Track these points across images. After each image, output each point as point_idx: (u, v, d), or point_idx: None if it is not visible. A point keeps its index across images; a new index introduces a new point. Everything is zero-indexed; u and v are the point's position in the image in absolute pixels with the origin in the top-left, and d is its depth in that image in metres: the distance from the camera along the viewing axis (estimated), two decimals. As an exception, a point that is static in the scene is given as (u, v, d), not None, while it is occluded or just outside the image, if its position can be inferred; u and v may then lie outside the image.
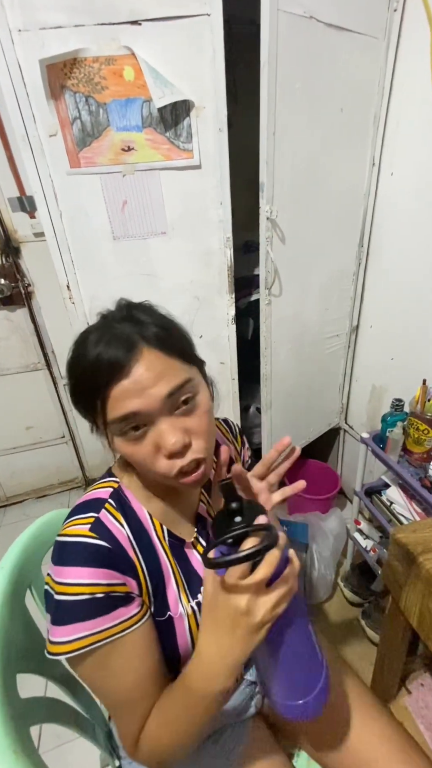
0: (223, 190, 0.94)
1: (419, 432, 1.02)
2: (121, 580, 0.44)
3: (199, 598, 0.51)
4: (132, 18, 0.77)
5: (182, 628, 0.49)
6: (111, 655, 0.43)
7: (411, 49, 0.99)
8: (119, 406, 0.41)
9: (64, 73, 0.80)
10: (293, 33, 0.84)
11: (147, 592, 0.47)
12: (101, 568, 0.43)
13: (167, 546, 0.51)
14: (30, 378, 1.69)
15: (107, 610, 0.42)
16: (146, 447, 0.43)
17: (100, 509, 0.47)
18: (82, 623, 0.41)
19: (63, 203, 0.91)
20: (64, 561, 0.43)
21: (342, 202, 1.17)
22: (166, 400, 0.42)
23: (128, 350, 0.41)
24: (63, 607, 0.41)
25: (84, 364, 0.42)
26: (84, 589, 0.41)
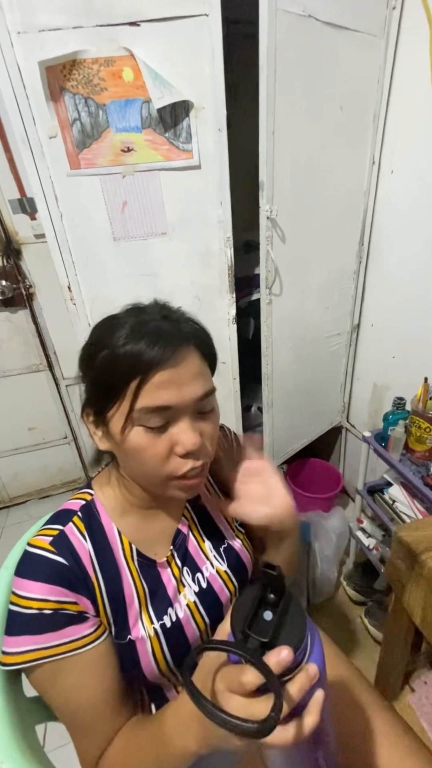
0: (222, 190, 0.94)
1: (421, 430, 1.02)
2: (73, 599, 0.44)
3: (164, 620, 0.50)
4: (130, 19, 0.77)
5: (145, 652, 0.48)
6: (61, 672, 0.43)
7: (410, 48, 0.99)
8: (155, 395, 0.41)
9: (64, 75, 0.81)
10: (292, 32, 0.84)
11: (105, 612, 0.46)
12: (54, 585, 0.43)
13: (135, 566, 0.50)
14: (32, 379, 1.70)
15: (56, 627, 0.42)
16: (162, 443, 0.43)
17: (67, 522, 0.47)
18: (30, 637, 0.41)
19: (63, 205, 0.91)
20: (22, 572, 0.43)
21: (342, 200, 1.17)
22: (197, 401, 0.43)
23: (176, 345, 0.42)
24: (13, 618, 0.42)
25: (122, 349, 0.41)
26: (33, 604, 0.42)
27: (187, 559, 0.54)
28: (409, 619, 0.69)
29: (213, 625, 0.54)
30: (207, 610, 0.53)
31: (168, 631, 0.49)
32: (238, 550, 0.58)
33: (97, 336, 0.45)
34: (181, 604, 0.51)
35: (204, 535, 0.57)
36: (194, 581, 0.53)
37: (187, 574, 0.53)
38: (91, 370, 0.45)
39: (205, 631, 0.53)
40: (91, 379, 0.45)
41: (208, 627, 0.53)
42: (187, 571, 0.53)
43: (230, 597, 0.56)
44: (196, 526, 0.57)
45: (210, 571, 0.55)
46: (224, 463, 0.53)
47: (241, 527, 0.62)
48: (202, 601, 0.53)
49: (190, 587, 0.53)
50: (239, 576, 0.57)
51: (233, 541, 0.58)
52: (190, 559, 0.54)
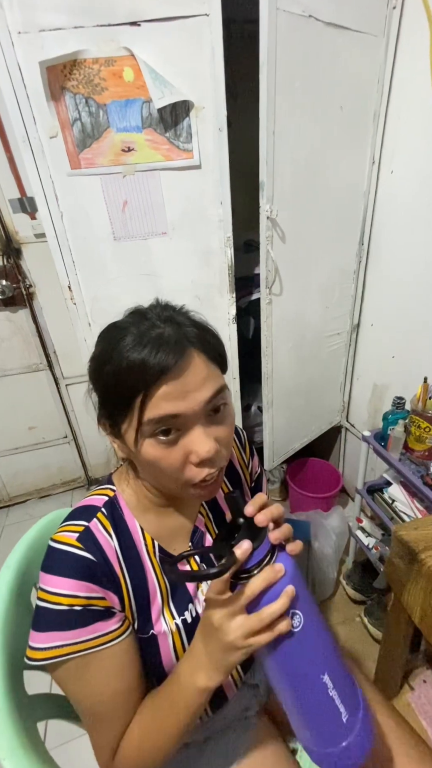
0: (223, 189, 0.94)
1: (421, 430, 1.02)
2: (101, 594, 0.44)
3: (185, 615, 0.51)
4: (131, 19, 0.77)
5: (166, 646, 0.49)
6: (87, 667, 0.43)
7: (410, 47, 0.99)
8: (162, 406, 0.40)
9: (64, 75, 0.81)
10: (292, 32, 0.84)
11: (130, 607, 0.47)
12: (82, 581, 0.43)
13: (157, 561, 0.50)
14: (32, 379, 1.70)
15: (85, 623, 0.43)
16: (176, 453, 0.42)
17: (91, 518, 0.47)
18: (59, 633, 0.41)
19: (64, 204, 0.91)
20: (49, 569, 0.43)
21: (342, 200, 1.17)
22: (205, 405, 0.42)
23: (179, 352, 0.40)
24: (42, 614, 0.42)
25: (126, 360, 0.40)
26: (63, 600, 0.42)
27: (205, 557, 0.55)
28: (408, 617, 0.69)
29: None
30: None
31: (189, 627, 0.50)
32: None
33: (102, 348, 0.44)
34: (200, 600, 0.52)
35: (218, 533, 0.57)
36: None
37: (204, 570, 0.54)
38: (99, 383, 0.45)
39: None
40: (100, 393, 0.45)
41: None
42: (204, 567, 0.54)
43: None
44: (212, 522, 0.57)
45: None
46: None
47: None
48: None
49: (207, 583, 0.53)
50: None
51: None
52: (207, 556, 0.55)
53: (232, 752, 0.58)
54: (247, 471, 0.65)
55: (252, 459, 0.66)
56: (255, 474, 0.67)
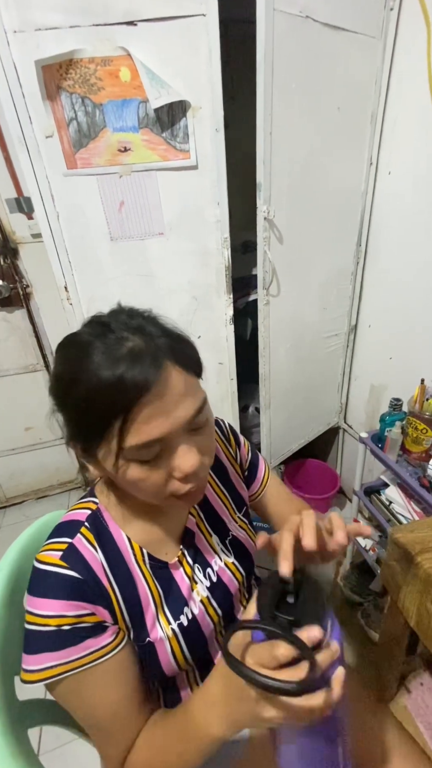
0: (220, 190, 0.94)
1: (418, 431, 1.02)
2: (90, 610, 0.43)
3: (181, 619, 0.50)
4: (127, 18, 0.77)
5: (164, 652, 0.48)
6: (83, 683, 0.42)
7: (407, 48, 0.99)
8: (144, 430, 0.37)
9: (60, 74, 0.80)
10: (289, 32, 0.84)
11: (123, 619, 0.46)
12: (69, 600, 0.42)
13: (147, 570, 0.49)
14: (29, 379, 1.69)
15: (75, 642, 0.42)
16: (160, 472, 0.40)
17: (75, 534, 0.46)
18: (50, 653, 0.41)
19: (60, 204, 0.91)
20: (35, 591, 0.43)
21: (340, 201, 1.17)
22: (188, 425, 0.40)
23: (156, 368, 0.37)
24: (31, 637, 0.41)
25: (96, 384, 0.36)
26: (50, 621, 0.41)
27: (198, 556, 0.54)
28: (405, 620, 0.69)
29: (225, 616, 0.55)
30: (219, 603, 0.54)
31: (185, 630, 0.50)
32: (242, 540, 0.59)
33: (66, 366, 0.40)
34: (195, 601, 0.52)
35: (211, 530, 0.57)
36: (205, 577, 0.54)
37: (198, 570, 0.54)
38: (68, 406, 0.41)
39: (218, 623, 0.54)
40: (70, 416, 0.41)
41: (221, 619, 0.54)
42: (198, 567, 0.54)
43: (238, 587, 0.57)
44: (203, 522, 0.57)
45: (219, 565, 0.55)
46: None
47: (244, 517, 0.62)
48: (214, 594, 0.53)
49: (202, 583, 0.53)
50: (245, 565, 0.58)
51: (238, 532, 0.59)
52: (200, 556, 0.54)
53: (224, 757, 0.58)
54: (236, 462, 0.64)
55: (239, 448, 0.65)
56: (246, 462, 0.65)
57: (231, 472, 0.63)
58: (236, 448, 0.65)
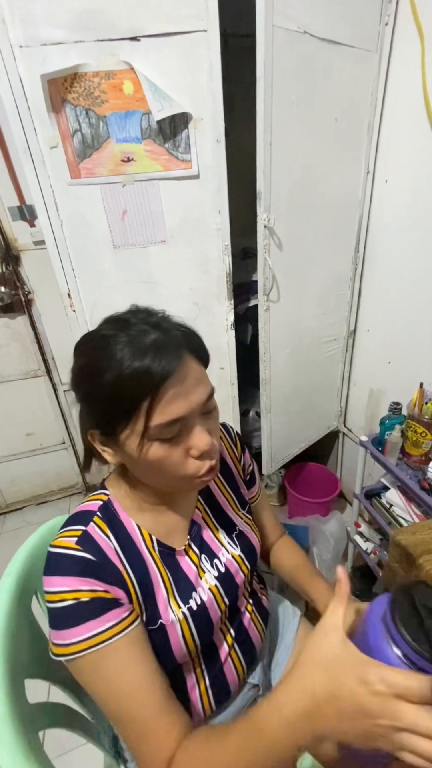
0: (221, 199, 0.96)
1: (417, 435, 1.03)
2: (104, 588, 0.44)
3: (190, 603, 0.51)
4: (131, 34, 0.79)
5: (175, 635, 0.50)
6: (104, 659, 0.43)
7: (403, 61, 1.02)
8: (168, 410, 0.42)
9: (65, 87, 0.82)
10: (288, 47, 0.87)
11: (137, 599, 0.47)
12: (83, 577, 0.44)
13: (157, 555, 0.51)
14: (30, 385, 1.70)
15: (95, 614, 0.43)
16: (179, 450, 0.45)
17: (88, 522, 0.48)
18: (74, 629, 0.42)
19: (63, 213, 0.92)
20: (51, 571, 0.44)
21: (338, 209, 1.19)
22: (203, 406, 0.45)
23: (178, 357, 0.42)
24: (54, 614, 0.43)
25: (128, 369, 0.40)
26: (67, 596, 0.42)
27: (204, 547, 0.56)
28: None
29: (231, 606, 0.57)
30: (227, 593, 0.55)
31: (195, 614, 0.51)
32: (248, 535, 0.61)
33: (90, 358, 0.44)
34: (204, 588, 0.53)
35: (217, 525, 0.59)
36: (213, 567, 0.56)
37: (205, 560, 0.56)
38: (94, 394, 0.44)
39: (225, 613, 0.56)
40: (95, 403, 0.45)
41: (227, 608, 0.56)
42: (205, 558, 0.56)
43: (244, 579, 0.59)
44: (209, 516, 0.59)
45: (226, 557, 0.57)
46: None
47: (249, 514, 0.65)
48: (222, 584, 0.55)
49: (209, 572, 0.55)
50: (251, 558, 0.60)
51: (243, 527, 0.62)
52: (206, 547, 0.56)
53: None
54: (239, 465, 0.67)
55: (243, 454, 0.68)
56: (249, 467, 0.69)
57: (235, 472, 0.66)
58: (241, 453, 0.68)
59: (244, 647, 0.59)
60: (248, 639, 0.60)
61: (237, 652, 0.59)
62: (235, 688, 0.59)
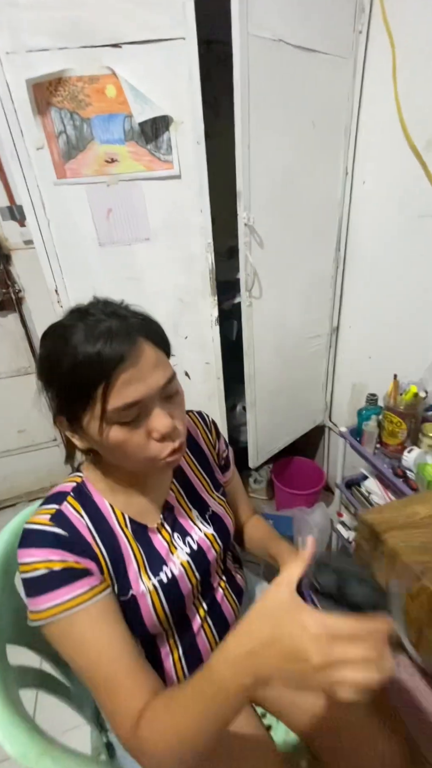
0: (202, 198, 0.99)
1: (393, 425, 1.07)
2: (75, 560, 0.47)
3: (161, 576, 0.54)
4: (113, 41, 0.83)
5: (146, 606, 0.52)
6: (76, 624, 0.45)
7: (376, 67, 1.06)
8: (123, 394, 0.43)
9: (50, 92, 0.86)
10: (263, 55, 0.91)
11: (108, 572, 0.50)
12: (55, 548, 0.46)
13: (129, 532, 0.54)
14: (20, 382, 1.72)
15: (66, 582, 0.45)
16: (140, 433, 0.46)
17: (62, 501, 0.51)
18: (47, 595, 0.45)
19: (51, 212, 0.96)
20: (25, 544, 0.47)
21: (319, 209, 1.23)
22: (161, 390, 0.46)
23: (130, 341, 0.44)
24: (28, 584, 0.46)
25: (82, 355, 0.43)
26: (39, 566, 0.45)
27: (177, 526, 0.59)
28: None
29: (203, 582, 0.60)
30: (198, 568, 0.58)
31: (165, 586, 0.54)
32: (221, 515, 0.64)
33: (51, 347, 0.46)
34: (175, 563, 0.56)
35: (191, 505, 0.62)
36: (185, 544, 0.59)
37: (177, 538, 0.58)
38: (54, 381, 0.46)
39: (196, 587, 0.59)
40: (56, 390, 0.47)
41: (199, 583, 0.59)
42: (177, 536, 0.58)
43: (215, 557, 0.61)
44: (183, 497, 0.62)
45: (199, 535, 0.60)
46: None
47: (222, 496, 0.68)
48: (194, 560, 0.58)
49: (181, 549, 0.58)
50: (223, 537, 0.63)
51: (216, 508, 0.64)
52: (179, 526, 0.59)
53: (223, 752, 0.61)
54: (214, 450, 0.70)
55: (218, 440, 0.71)
56: (223, 453, 0.72)
57: (209, 457, 0.68)
58: (216, 439, 0.71)
59: (216, 620, 0.63)
60: (221, 613, 0.64)
61: (210, 624, 0.62)
62: (208, 658, 0.62)
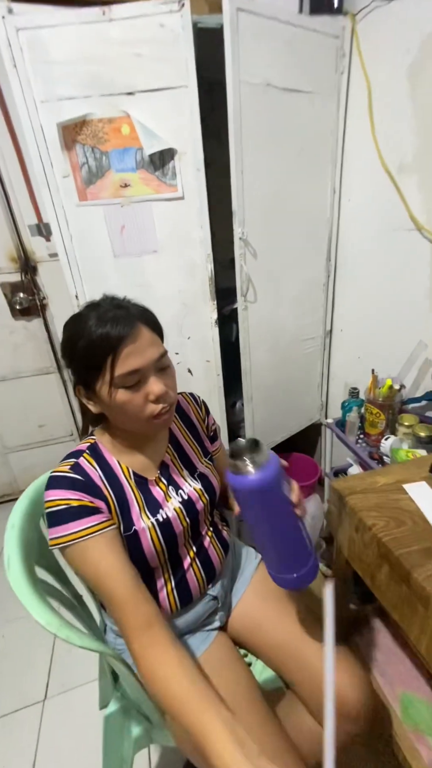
0: (202, 216, 1.15)
1: (373, 415, 1.18)
2: (89, 499, 0.60)
3: (158, 516, 0.67)
4: (128, 90, 1.00)
5: (146, 540, 0.66)
6: (89, 549, 0.59)
7: (356, 103, 1.21)
8: (127, 363, 0.57)
9: (75, 131, 1.04)
10: (254, 96, 1.07)
11: (115, 511, 0.64)
12: (73, 490, 0.60)
13: (132, 482, 0.67)
14: (43, 380, 1.90)
15: (81, 516, 0.59)
16: (139, 396, 0.60)
17: (79, 456, 0.65)
18: (65, 525, 0.58)
19: (73, 229, 1.13)
20: (50, 487, 0.61)
21: (309, 223, 1.37)
22: (156, 362, 0.60)
23: (131, 326, 0.58)
24: (50, 515, 0.59)
25: (95, 335, 0.56)
26: (60, 502, 0.59)
27: (171, 481, 0.73)
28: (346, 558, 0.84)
29: (193, 527, 0.73)
30: (188, 515, 0.71)
31: (161, 525, 0.67)
32: (207, 475, 0.77)
33: (71, 331, 0.60)
34: (170, 508, 0.69)
35: (182, 465, 0.76)
36: (177, 495, 0.72)
37: (172, 490, 0.72)
38: (75, 357, 0.60)
39: (187, 530, 0.72)
40: (76, 363, 0.60)
41: (189, 527, 0.72)
42: (172, 488, 0.72)
43: (203, 508, 0.74)
44: (176, 459, 0.75)
45: (189, 489, 0.73)
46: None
47: (210, 461, 0.81)
48: (185, 507, 0.71)
49: (175, 498, 0.71)
50: (210, 493, 0.76)
51: (204, 470, 0.78)
52: (173, 481, 0.73)
53: (193, 653, 0.73)
54: (204, 423, 0.83)
55: (207, 415, 0.85)
56: (212, 426, 0.85)
57: (199, 428, 0.82)
58: (205, 414, 0.84)
59: (204, 562, 0.75)
60: (208, 557, 0.76)
61: (198, 565, 0.74)
62: (196, 593, 0.74)
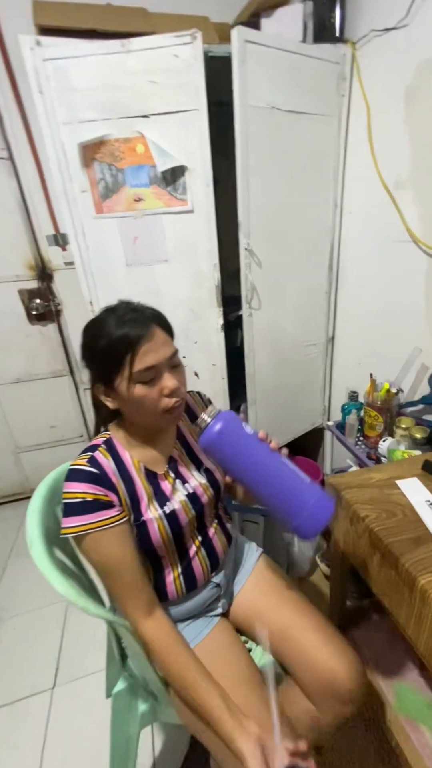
0: (210, 228, 1.22)
1: (371, 418, 1.23)
2: (104, 492, 0.65)
3: (165, 508, 0.72)
4: (142, 113, 1.09)
5: (154, 529, 0.71)
6: (101, 539, 0.65)
7: (357, 123, 1.28)
8: (143, 360, 0.63)
9: (94, 150, 1.12)
10: (260, 118, 1.15)
11: (126, 503, 0.68)
12: (90, 483, 0.65)
13: (143, 475, 0.72)
14: (56, 383, 1.98)
15: (94, 510, 0.64)
16: (155, 390, 0.65)
17: (95, 450, 0.70)
18: (78, 517, 0.64)
19: (89, 240, 1.21)
20: (69, 479, 0.66)
21: (311, 235, 1.44)
22: (169, 359, 0.66)
23: (147, 327, 0.64)
24: (66, 506, 0.65)
25: (115, 335, 0.62)
26: (77, 495, 0.65)
27: (178, 475, 0.78)
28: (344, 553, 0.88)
29: (198, 519, 0.79)
30: (193, 506, 0.77)
31: (168, 516, 0.72)
32: (212, 470, 0.82)
33: (92, 333, 0.66)
34: (176, 500, 0.75)
35: (189, 461, 0.81)
36: (184, 488, 0.77)
37: (179, 484, 0.77)
38: (96, 356, 0.65)
39: (192, 521, 0.77)
40: (97, 364, 0.66)
41: (194, 518, 0.77)
42: (179, 482, 0.77)
43: (208, 501, 0.79)
44: (184, 454, 0.81)
45: (195, 483, 0.79)
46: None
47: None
48: (191, 500, 0.77)
49: (181, 491, 0.76)
50: (214, 487, 0.81)
51: (209, 465, 0.83)
52: (180, 475, 0.78)
53: (196, 636, 0.78)
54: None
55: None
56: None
57: None
58: None
59: (208, 551, 0.80)
60: (212, 546, 0.81)
61: (202, 553, 0.79)
62: (200, 580, 0.79)
